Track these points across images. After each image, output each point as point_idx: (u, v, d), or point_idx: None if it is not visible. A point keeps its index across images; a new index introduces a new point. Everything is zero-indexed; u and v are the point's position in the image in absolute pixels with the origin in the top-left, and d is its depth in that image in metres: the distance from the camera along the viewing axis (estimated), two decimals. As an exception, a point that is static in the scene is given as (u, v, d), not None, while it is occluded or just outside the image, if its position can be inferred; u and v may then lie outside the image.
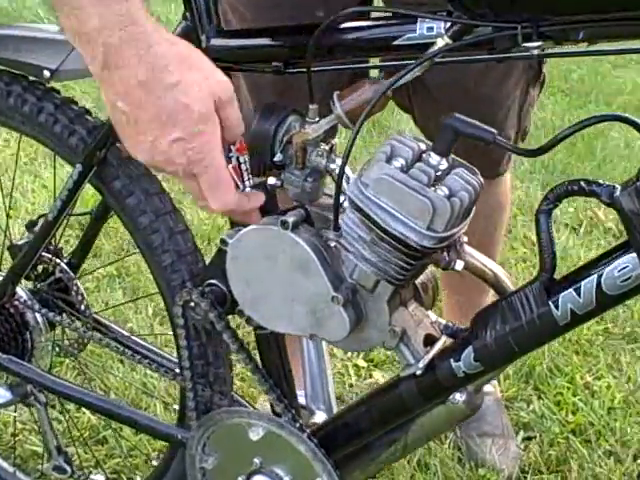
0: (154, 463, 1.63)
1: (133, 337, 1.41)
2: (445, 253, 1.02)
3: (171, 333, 1.25)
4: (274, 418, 1.14)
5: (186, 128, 0.91)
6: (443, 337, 1.10)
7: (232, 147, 1.12)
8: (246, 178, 1.13)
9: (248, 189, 1.12)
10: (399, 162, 0.97)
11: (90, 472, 1.60)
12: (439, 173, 0.97)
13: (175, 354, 1.29)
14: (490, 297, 1.88)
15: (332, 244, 1.04)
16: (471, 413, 1.14)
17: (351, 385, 1.98)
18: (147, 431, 1.30)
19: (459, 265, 1.03)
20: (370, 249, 1.00)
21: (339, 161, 1.05)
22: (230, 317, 1.16)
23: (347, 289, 1.04)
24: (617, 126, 3.64)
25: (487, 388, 1.85)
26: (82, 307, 1.43)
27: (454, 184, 0.96)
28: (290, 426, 1.13)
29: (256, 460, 1.19)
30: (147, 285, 2.30)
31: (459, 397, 1.10)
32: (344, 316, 1.04)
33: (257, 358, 1.18)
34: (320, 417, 1.31)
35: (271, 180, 1.11)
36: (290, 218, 1.03)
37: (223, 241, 1.09)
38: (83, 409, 1.77)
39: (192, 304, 1.14)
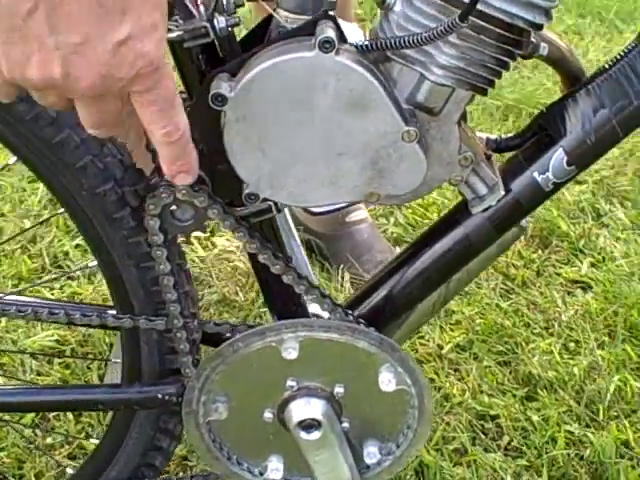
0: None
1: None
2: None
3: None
4: (324, 321, 0.85)
5: (141, 19, 0.56)
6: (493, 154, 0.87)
7: None
8: (198, 3, 0.76)
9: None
10: None
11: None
12: None
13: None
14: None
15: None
16: (521, 233, 0.94)
17: (202, 260, 1.67)
18: (105, 406, 0.92)
19: (544, 49, 0.78)
20: (457, 50, 0.71)
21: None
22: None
23: (412, 118, 0.75)
24: None
25: (360, 215, 1.66)
26: None
27: None
28: (346, 323, 0.84)
29: (290, 383, 0.89)
30: None
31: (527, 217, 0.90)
32: (420, 154, 0.76)
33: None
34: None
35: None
36: (327, 33, 0.69)
37: (219, 98, 0.72)
38: None
39: (174, 207, 0.77)
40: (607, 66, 0.81)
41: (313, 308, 0.94)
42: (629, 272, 1.64)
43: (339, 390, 0.89)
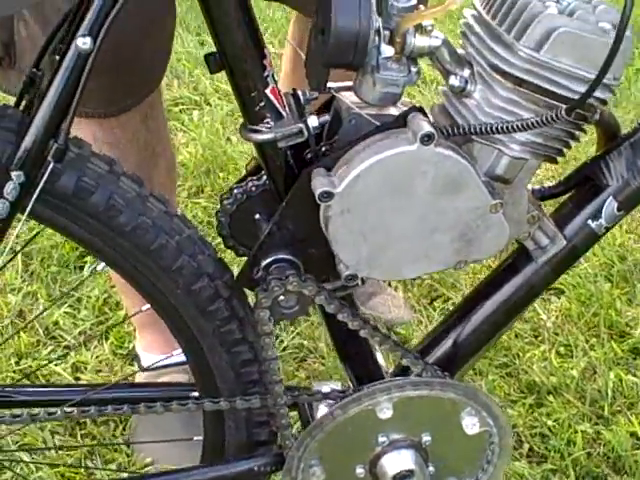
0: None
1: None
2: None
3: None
4: (414, 379, 0.90)
5: None
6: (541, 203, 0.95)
7: (264, 62, 0.77)
8: (285, 104, 0.80)
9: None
10: (556, 7, 0.75)
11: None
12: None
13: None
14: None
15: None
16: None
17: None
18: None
19: (597, 114, 0.86)
20: (537, 128, 0.78)
21: (440, 35, 0.78)
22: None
23: (496, 191, 0.82)
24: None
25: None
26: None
27: (611, 14, 0.78)
28: (438, 379, 0.90)
29: (381, 439, 0.94)
30: None
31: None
32: (504, 222, 0.83)
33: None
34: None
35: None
36: (425, 129, 0.75)
37: (326, 195, 0.76)
38: None
39: (282, 297, 0.81)
40: (645, 122, 0.90)
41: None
42: (593, 273, 1.76)
43: (426, 438, 0.95)
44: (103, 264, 0.85)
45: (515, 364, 1.55)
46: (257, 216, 0.89)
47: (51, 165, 0.73)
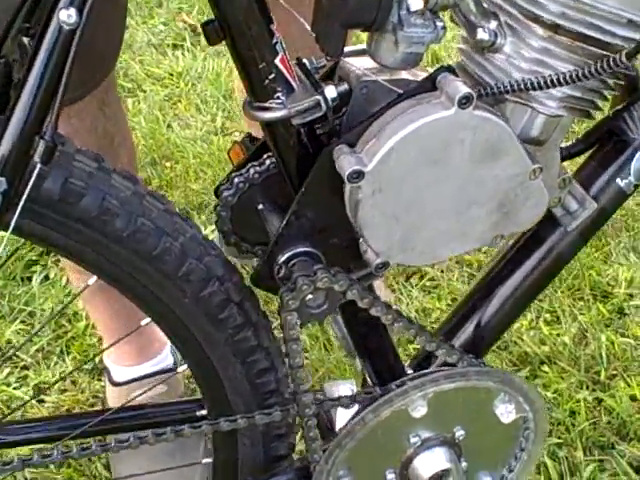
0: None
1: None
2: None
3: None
4: (449, 371, 0.81)
5: None
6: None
7: (272, 28, 0.67)
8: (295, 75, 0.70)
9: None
10: (594, -56, 0.67)
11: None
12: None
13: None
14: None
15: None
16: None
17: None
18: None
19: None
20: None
21: (464, -17, 0.69)
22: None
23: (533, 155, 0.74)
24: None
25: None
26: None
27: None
28: (474, 367, 0.82)
29: (413, 440, 0.85)
30: None
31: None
32: (544, 189, 0.75)
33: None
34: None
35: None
36: (463, 90, 0.66)
37: (355, 175, 0.67)
38: None
39: (310, 296, 0.71)
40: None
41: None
42: (565, 232, 1.71)
43: (460, 433, 0.87)
44: (94, 278, 0.74)
45: (504, 337, 1.49)
46: (260, 206, 0.80)
47: (38, 167, 0.61)
